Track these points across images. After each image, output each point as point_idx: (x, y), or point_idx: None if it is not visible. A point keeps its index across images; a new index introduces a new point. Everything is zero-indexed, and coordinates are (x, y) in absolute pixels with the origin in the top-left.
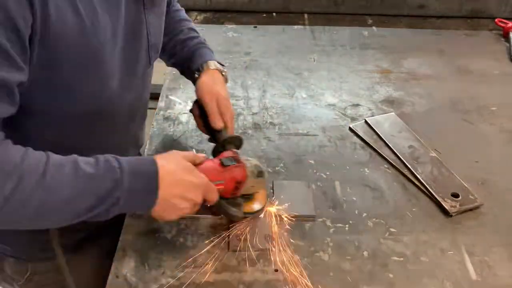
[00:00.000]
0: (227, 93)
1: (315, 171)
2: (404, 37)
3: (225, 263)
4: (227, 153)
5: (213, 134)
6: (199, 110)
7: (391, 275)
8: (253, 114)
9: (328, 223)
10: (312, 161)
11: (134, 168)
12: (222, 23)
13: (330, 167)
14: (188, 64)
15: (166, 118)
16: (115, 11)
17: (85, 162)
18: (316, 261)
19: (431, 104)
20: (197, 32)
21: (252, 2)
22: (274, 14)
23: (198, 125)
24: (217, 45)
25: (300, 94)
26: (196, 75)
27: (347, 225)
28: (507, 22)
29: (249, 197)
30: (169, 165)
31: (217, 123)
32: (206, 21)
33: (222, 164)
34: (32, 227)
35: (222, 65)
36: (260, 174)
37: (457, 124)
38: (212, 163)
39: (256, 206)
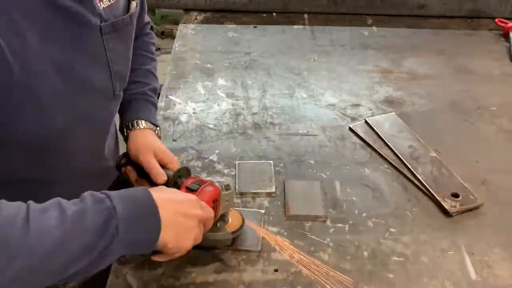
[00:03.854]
0: (163, 146)
1: (315, 171)
2: (404, 37)
3: (225, 263)
4: (186, 181)
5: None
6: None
7: (391, 275)
8: (253, 114)
9: (328, 223)
10: (312, 161)
11: (123, 194)
12: (222, 23)
13: (330, 167)
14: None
15: (166, 118)
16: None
17: (69, 202)
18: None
19: (431, 104)
20: (154, 77)
21: (252, 2)
22: (274, 14)
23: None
24: (217, 45)
25: (300, 94)
26: (125, 133)
27: (347, 225)
28: (507, 22)
29: (225, 219)
30: (155, 188)
31: (160, 179)
32: (206, 21)
33: (191, 190)
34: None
35: (156, 125)
36: (227, 186)
37: (457, 124)
38: None
39: (236, 222)
